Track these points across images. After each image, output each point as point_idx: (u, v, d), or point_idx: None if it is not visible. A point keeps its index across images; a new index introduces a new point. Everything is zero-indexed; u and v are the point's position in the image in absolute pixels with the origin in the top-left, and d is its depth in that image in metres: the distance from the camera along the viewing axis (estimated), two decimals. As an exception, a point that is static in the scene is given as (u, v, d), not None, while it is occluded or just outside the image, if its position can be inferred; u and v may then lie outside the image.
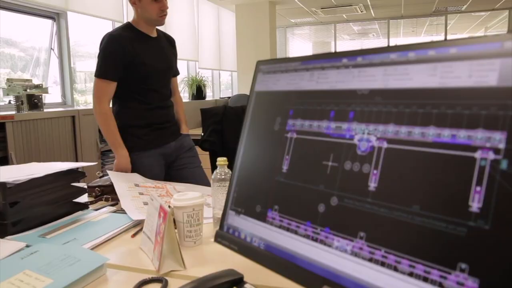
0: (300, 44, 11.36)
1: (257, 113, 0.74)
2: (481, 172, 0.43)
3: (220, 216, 1.26)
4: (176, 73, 2.24)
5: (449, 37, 8.66)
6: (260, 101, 0.74)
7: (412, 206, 0.48)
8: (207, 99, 5.11)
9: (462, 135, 0.46)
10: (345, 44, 11.28)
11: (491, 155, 0.43)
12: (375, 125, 0.55)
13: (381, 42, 9.82)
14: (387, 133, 0.53)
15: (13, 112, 2.63)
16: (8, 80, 2.75)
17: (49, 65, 4.75)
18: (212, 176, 1.27)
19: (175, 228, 1.18)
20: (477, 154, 0.44)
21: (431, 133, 0.48)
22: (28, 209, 1.28)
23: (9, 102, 2.85)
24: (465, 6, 7.71)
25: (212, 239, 1.25)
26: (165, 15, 1.96)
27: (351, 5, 7.38)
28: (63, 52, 4.75)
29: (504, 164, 0.42)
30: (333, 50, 10.13)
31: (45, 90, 2.90)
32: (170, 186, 1.76)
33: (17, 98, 2.71)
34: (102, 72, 1.88)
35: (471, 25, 10.01)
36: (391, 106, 0.53)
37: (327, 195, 0.58)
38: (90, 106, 5.06)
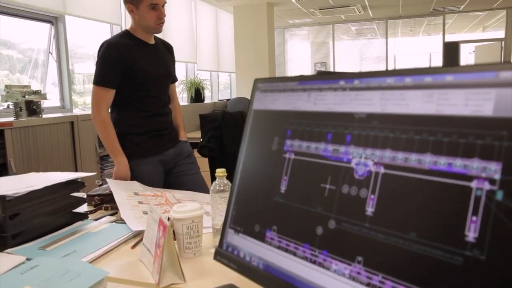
0: (298, 44, 11.36)
1: (255, 132, 0.74)
2: (477, 202, 0.44)
3: (219, 227, 1.27)
4: (175, 79, 2.24)
5: (447, 36, 8.67)
6: (258, 119, 0.74)
7: (409, 232, 0.49)
8: (206, 101, 5.11)
9: (458, 164, 0.46)
10: (343, 44, 11.29)
11: (486, 186, 0.43)
12: (372, 149, 0.55)
13: (380, 42, 9.83)
14: (384, 158, 0.53)
15: (12, 119, 2.63)
16: (6, 86, 2.75)
17: (47, 69, 4.76)
18: (211, 187, 1.27)
19: (175, 240, 1.18)
20: (473, 184, 0.44)
21: (428, 160, 0.49)
22: (28, 221, 1.28)
23: (8, 107, 2.84)
24: (463, 6, 7.72)
25: (212, 250, 1.25)
26: (163, 23, 1.97)
27: (349, 6, 7.39)
28: (61, 56, 4.75)
29: (499, 195, 0.42)
30: (331, 50, 10.13)
31: (44, 96, 2.90)
32: (169, 194, 1.77)
33: (15, 104, 2.71)
34: (101, 79, 1.89)
35: (469, 24, 10.03)
36: (388, 131, 0.54)
37: (325, 218, 0.58)
38: (89, 109, 5.06)
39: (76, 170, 3.02)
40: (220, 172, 1.25)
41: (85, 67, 5.64)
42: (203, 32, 7.52)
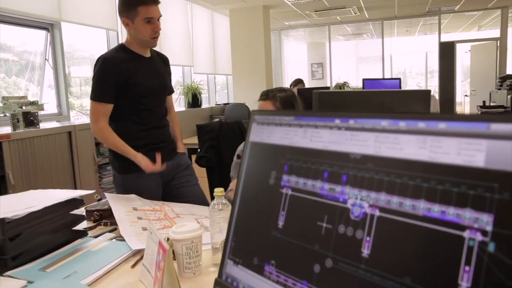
0: (294, 45, 11.37)
1: (253, 164, 0.75)
2: (469, 252, 0.45)
3: (218, 246, 1.28)
4: (171, 91, 2.25)
5: (443, 36, 8.69)
6: (255, 152, 0.75)
7: (404, 277, 0.50)
8: (203, 106, 5.11)
9: (451, 212, 0.47)
10: (339, 44, 11.31)
11: (479, 236, 0.44)
12: (368, 191, 0.56)
13: (376, 42, 9.84)
14: (379, 201, 0.54)
15: (10, 131, 2.63)
16: (3, 98, 2.75)
17: (44, 76, 4.75)
18: (210, 207, 1.28)
19: (174, 259, 1.19)
20: (466, 234, 0.45)
21: (422, 206, 0.50)
22: (28, 242, 1.29)
23: (5, 115, 2.84)
24: (458, 6, 7.75)
25: (211, 269, 1.27)
26: (157, 36, 1.98)
27: (345, 8, 7.40)
28: (57, 62, 4.75)
29: (491, 247, 0.43)
30: (327, 51, 10.13)
31: (41, 107, 2.90)
32: (168, 208, 1.77)
33: (13, 116, 2.71)
34: (97, 95, 1.90)
35: (464, 24, 10.06)
36: (383, 174, 0.55)
37: (322, 256, 0.59)
38: (85, 112, 5.05)
39: (75, 180, 3.02)
40: (218, 191, 1.26)
41: (82, 70, 5.64)
42: (199, 36, 7.53)
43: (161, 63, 2.14)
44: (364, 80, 4.25)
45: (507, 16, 8.09)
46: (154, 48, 2.16)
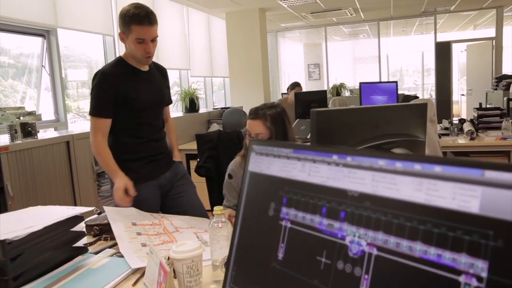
0: (291, 46, 11.38)
1: (252, 194, 0.76)
2: (466, 297, 0.46)
3: (217, 263, 1.29)
4: (169, 101, 2.25)
5: (439, 35, 8.71)
6: (254, 182, 0.76)
7: (403, 318, 0.51)
8: (200, 111, 5.12)
9: (447, 256, 0.48)
10: (336, 45, 11.32)
11: (474, 282, 0.46)
12: (366, 230, 0.57)
13: (372, 42, 9.85)
14: (377, 240, 0.56)
15: (8, 143, 2.63)
16: (1, 109, 2.75)
17: (41, 83, 4.75)
18: (209, 224, 1.29)
19: (175, 277, 1.20)
20: (462, 279, 0.47)
21: (418, 248, 0.51)
22: (29, 262, 1.29)
23: (1, 123, 2.84)
24: (453, 6, 7.77)
25: (212, 286, 1.28)
26: (150, 57, 1.96)
27: (341, 9, 7.42)
28: (54, 69, 4.75)
29: (487, 294, 0.44)
30: (324, 52, 10.15)
31: (38, 117, 2.90)
32: (167, 221, 1.78)
33: (10, 127, 2.71)
34: (96, 110, 1.91)
35: (460, 23, 10.09)
36: (380, 213, 0.56)
37: (322, 291, 0.60)
38: (82, 115, 5.06)
39: (73, 189, 3.02)
40: (218, 210, 1.27)
41: (78, 74, 5.63)
42: (196, 39, 7.53)
43: (159, 76, 2.13)
44: (361, 83, 4.27)
45: (502, 16, 8.12)
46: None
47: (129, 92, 1.92)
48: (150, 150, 2.04)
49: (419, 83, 13.01)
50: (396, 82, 4.25)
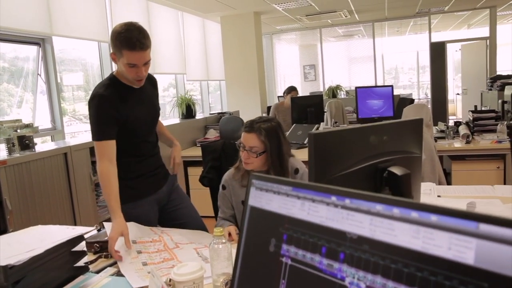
0: (286, 48, 11.40)
1: (253, 229, 0.78)
2: None
3: (218, 283, 1.30)
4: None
5: (433, 35, 8.75)
6: (254, 216, 0.78)
7: None
8: (197, 116, 5.13)
9: (444, 305, 0.50)
10: (331, 45, 11.35)
11: (471, 333, 0.47)
12: (365, 272, 0.59)
13: (367, 42, 9.88)
14: (376, 284, 0.57)
15: (5, 157, 2.63)
16: (-2, 123, 2.75)
17: (37, 91, 4.75)
18: (210, 246, 1.31)
19: (176, 299, 1.21)
20: (459, 328, 0.48)
21: (417, 295, 0.52)
22: (30, 285, 1.30)
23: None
24: (447, 7, 7.81)
25: (213, 307, 1.29)
26: (141, 80, 1.89)
27: (335, 11, 7.44)
28: (50, 77, 4.75)
29: None
30: (319, 52, 10.15)
31: (36, 129, 2.91)
32: (167, 237, 1.79)
33: (7, 140, 2.71)
34: (100, 134, 1.85)
35: (454, 23, 10.14)
36: (378, 257, 0.57)
37: (323, 331, 0.62)
38: (79, 118, 5.05)
39: (72, 201, 3.03)
40: (218, 232, 1.28)
41: (73, 78, 5.63)
42: (191, 43, 7.54)
43: (150, 88, 2.10)
44: (357, 88, 4.29)
45: (495, 16, 8.17)
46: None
47: (126, 113, 1.89)
48: (148, 166, 2.05)
49: (414, 81, 13.06)
50: (391, 86, 4.27)
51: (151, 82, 2.14)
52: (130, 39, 1.74)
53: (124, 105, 1.89)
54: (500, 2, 7.71)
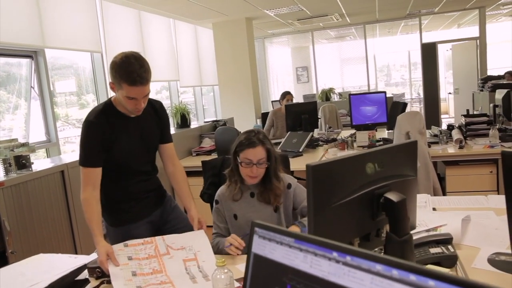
0: (279, 51, 11.44)
1: (257, 277, 0.80)
2: None
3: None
4: (169, 139, 2.14)
5: (424, 34, 8.81)
6: (258, 265, 0.80)
7: None
8: (192, 125, 5.14)
9: None
10: (323, 47, 11.41)
11: None
12: (367, 330, 0.61)
13: (359, 43, 9.93)
14: None
15: (3, 178, 2.63)
16: (-6, 144, 2.75)
17: (30, 104, 4.74)
18: (211, 276, 1.33)
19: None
20: None
21: None
22: (35, 319, 1.32)
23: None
24: (437, 8, 7.88)
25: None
26: (140, 111, 1.88)
27: (327, 15, 7.48)
28: (43, 90, 4.74)
29: None
30: (311, 55, 10.20)
31: (32, 148, 2.91)
32: (160, 241, 1.78)
33: (4, 161, 2.72)
34: (85, 161, 1.86)
35: (445, 23, 10.23)
36: (380, 316, 0.60)
37: None
38: (72, 123, 5.05)
39: (70, 218, 3.04)
40: (220, 262, 1.31)
41: (66, 84, 5.62)
42: (184, 49, 7.55)
43: (152, 114, 2.03)
44: (350, 95, 4.32)
45: (484, 16, 8.26)
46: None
47: (115, 141, 1.87)
48: (140, 189, 2.03)
49: (406, 78, 13.13)
50: (385, 92, 4.32)
51: (154, 108, 2.05)
52: (131, 74, 1.72)
53: (113, 131, 1.86)
54: (489, 2, 7.80)
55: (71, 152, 4.72)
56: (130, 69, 1.72)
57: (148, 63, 1.82)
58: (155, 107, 2.07)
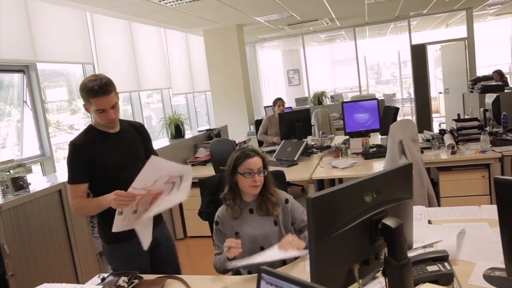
0: (270, 54, 11.48)
1: (265, 323, 0.83)
2: None
3: None
4: (154, 153, 2.26)
5: (413, 35, 8.90)
6: (266, 310, 0.83)
7: None
8: (186, 136, 5.16)
9: None
10: (314, 49, 11.47)
11: None
12: None
13: (349, 45, 10.00)
14: None
15: (1, 201, 2.64)
16: (-10, 166, 2.75)
17: (23, 120, 4.74)
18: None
19: None
20: None
21: None
22: None
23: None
24: (426, 10, 7.97)
25: None
26: (113, 122, 2.06)
27: (317, 20, 7.53)
28: (36, 104, 4.73)
29: None
30: (302, 58, 10.24)
31: (29, 169, 2.91)
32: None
33: (1, 183, 2.72)
34: (72, 180, 2.04)
35: (433, 23, 10.34)
36: None
37: None
38: (63, 129, 5.05)
39: (69, 237, 3.04)
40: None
41: (57, 92, 5.61)
42: (175, 57, 7.56)
43: (133, 133, 2.20)
44: (343, 103, 4.38)
45: (472, 17, 8.37)
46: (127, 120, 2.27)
47: (98, 157, 2.03)
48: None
49: (396, 75, 13.18)
50: (377, 99, 4.37)
51: (134, 127, 2.26)
52: (93, 88, 1.94)
53: (95, 150, 2.04)
54: (476, 3, 7.90)
55: (64, 160, 4.70)
56: (91, 85, 1.94)
57: (107, 77, 2.02)
58: (135, 126, 2.28)
